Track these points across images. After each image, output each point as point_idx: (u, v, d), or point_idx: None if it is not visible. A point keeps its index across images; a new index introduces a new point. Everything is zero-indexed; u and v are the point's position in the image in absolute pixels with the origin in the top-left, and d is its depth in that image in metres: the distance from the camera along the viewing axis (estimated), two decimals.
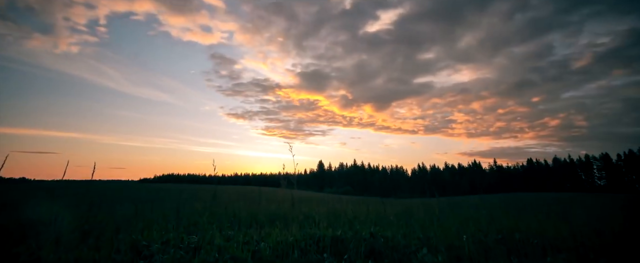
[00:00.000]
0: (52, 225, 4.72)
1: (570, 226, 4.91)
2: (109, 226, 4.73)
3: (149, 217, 5.75)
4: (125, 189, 29.39)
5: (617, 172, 68.46)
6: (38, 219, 5.18)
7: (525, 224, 4.65)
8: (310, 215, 6.43)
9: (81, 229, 4.37)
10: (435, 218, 4.77)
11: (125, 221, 5.31)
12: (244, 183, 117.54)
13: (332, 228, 3.86)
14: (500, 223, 4.80)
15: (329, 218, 5.78)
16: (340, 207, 7.30)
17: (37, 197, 16.61)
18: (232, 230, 4.11)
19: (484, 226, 4.62)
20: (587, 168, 73.85)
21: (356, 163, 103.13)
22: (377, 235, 3.54)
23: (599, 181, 71.93)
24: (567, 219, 6.26)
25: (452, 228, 4.30)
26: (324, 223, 4.50)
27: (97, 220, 5.02)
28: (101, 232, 4.14)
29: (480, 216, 5.72)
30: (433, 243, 3.33)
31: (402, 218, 5.94)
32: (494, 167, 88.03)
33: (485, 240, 3.93)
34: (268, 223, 4.99)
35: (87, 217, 5.36)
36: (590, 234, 4.45)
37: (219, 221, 5.22)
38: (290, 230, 3.82)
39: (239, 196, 21.54)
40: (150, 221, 5.24)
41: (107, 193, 22.07)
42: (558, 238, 4.12)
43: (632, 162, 66.12)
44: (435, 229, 4.07)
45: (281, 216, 5.97)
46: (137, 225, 4.58)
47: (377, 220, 5.41)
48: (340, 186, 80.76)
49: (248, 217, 5.83)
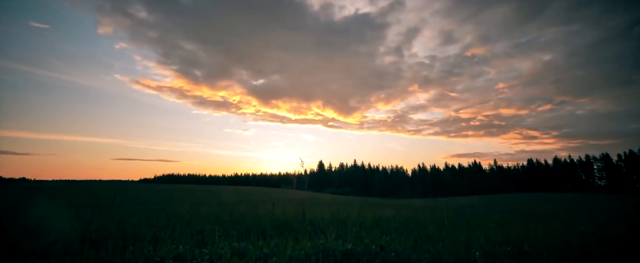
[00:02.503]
0: (59, 233, 4.72)
1: (577, 235, 4.91)
2: (118, 234, 4.73)
3: (156, 223, 5.75)
4: (127, 190, 29.38)
5: (617, 172, 68.46)
6: (46, 226, 5.18)
7: (534, 233, 4.65)
8: (315, 221, 6.44)
9: (90, 239, 4.37)
10: (445, 230, 4.77)
11: (132, 227, 5.31)
12: (244, 184, 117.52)
13: (341, 240, 3.86)
14: (508, 231, 4.81)
15: (335, 225, 5.78)
16: (345, 213, 7.29)
17: (43, 199, 16.60)
18: (242, 241, 4.11)
19: (492, 235, 4.62)
20: (587, 169, 73.86)
21: (356, 163, 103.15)
22: (387, 248, 3.54)
23: (600, 181, 71.88)
24: (573, 226, 6.27)
25: (461, 238, 4.30)
26: (331, 233, 4.50)
27: (105, 229, 5.02)
28: (111, 242, 4.14)
29: (488, 223, 5.72)
30: (444, 259, 3.33)
31: (409, 225, 5.95)
32: (494, 167, 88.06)
33: (494, 250, 3.93)
34: (276, 232, 4.99)
35: (94, 223, 5.36)
36: (598, 243, 4.46)
37: (226, 229, 5.23)
38: (301, 242, 3.82)
39: (241, 198, 21.55)
40: (158, 228, 5.25)
41: (110, 194, 22.07)
42: (567, 249, 4.13)
43: (633, 163, 66.11)
44: (444, 240, 4.08)
45: (287, 223, 5.97)
46: (146, 234, 4.59)
47: (385, 229, 5.41)
48: (341, 186, 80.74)
49: (255, 224, 5.83)
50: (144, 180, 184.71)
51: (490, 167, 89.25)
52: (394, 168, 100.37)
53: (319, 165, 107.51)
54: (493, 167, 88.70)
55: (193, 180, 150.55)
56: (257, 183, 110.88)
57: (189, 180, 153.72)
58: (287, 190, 50.13)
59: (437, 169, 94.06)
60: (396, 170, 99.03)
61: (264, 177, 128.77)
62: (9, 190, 30.97)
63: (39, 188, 33.91)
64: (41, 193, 23.79)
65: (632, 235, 5.29)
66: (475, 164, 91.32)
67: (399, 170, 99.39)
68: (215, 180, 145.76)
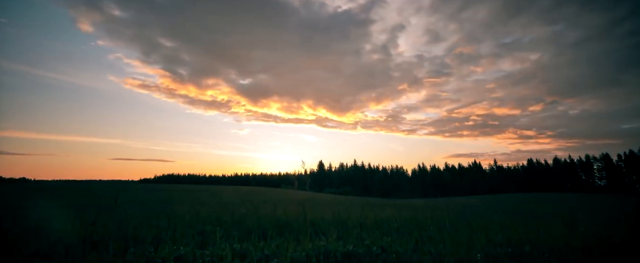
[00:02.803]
0: (60, 234, 4.72)
1: (578, 236, 4.91)
2: (119, 235, 4.73)
3: (157, 224, 5.75)
4: (127, 190, 29.38)
5: (617, 172, 68.47)
6: (47, 227, 5.18)
7: (535, 234, 4.65)
8: (316, 222, 6.44)
9: (90, 240, 4.37)
10: (446, 231, 4.77)
11: (133, 228, 5.31)
12: (244, 184, 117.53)
13: (342, 241, 3.86)
14: (509, 232, 4.80)
15: (336, 226, 5.78)
16: (345, 214, 7.29)
17: (43, 199, 16.59)
18: (243, 242, 4.11)
19: (493, 236, 4.62)
20: (587, 169, 73.86)
21: (356, 163, 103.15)
22: (388, 249, 3.54)
23: (600, 181, 71.88)
24: (574, 227, 6.26)
25: (463, 239, 4.30)
26: (332, 234, 4.50)
27: (106, 230, 5.02)
28: (112, 243, 4.14)
29: (489, 224, 5.72)
30: (445, 261, 3.33)
31: (409, 225, 5.95)
32: (495, 167, 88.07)
33: (495, 252, 3.93)
34: (276, 233, 4.99)
35: (94, 224, 5.36)
36: (599, 245, 4.46)
37: (227, 230, 5.23)
38: (302, 243, 3.82)
39: (242, 198, 21.55)
40: (159, 229, 5.25)
41: (110, 194, 22.07)
42: (568, 250, 4.13)
43: (633, 163, 66.12)
44: (445, 241, 4.08)
45: (288, 224, 5.97)
46: (147, 235, 4.58)
47: (385, 230, 5.41)
48: (341, 186, 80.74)
49: (255, 225, 5.83)
50: (144, 180, 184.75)
51: (490, 167, 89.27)
52: (394, 168, 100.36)
53: (319, 165, 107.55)
54: (493, 167, 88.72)
55: (193, 180, 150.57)
56: (257, 183, 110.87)
57: (189, 180, 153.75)
58: (288, 190, 50.17)
59: (437, 169, 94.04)
60: (396, 170, 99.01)
61: (264, 177, 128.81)
62: (9, 190, 31.00)
63: (39, 188, 33.92)
64: (41, 193, 23.80)
65: (633, 236, 5.30)
66: (475, 164, 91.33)
67: (399, 170, 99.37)
68: (215, 180, 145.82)
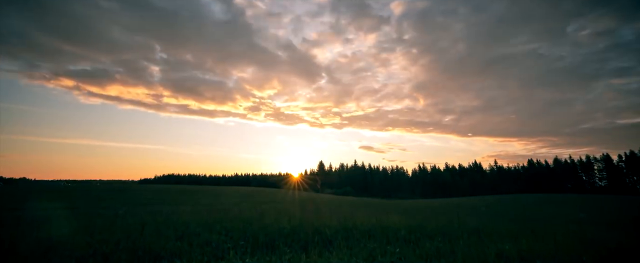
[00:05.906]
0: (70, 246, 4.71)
1: (587, 242, 4.91)
2: (127, 245, 4.72)
3: (165, 233, 5.76)
4: (128, 191, 29.35)
5: (618, 173, 68.48)
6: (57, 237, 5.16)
7: (544, 245, 4.65)
8: (321, 230, 6.43)
9: (101, 251, 4.36)
10: (455, 242, 4.76)
11: (141, 236, 5.31)
12: (244, 184, 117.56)
13: (355, 258, 3.84)
14: (519, 243, 4.81)
15: (342, 234, 5.78)
16: (351, 221, 7.29)
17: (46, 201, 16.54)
18: (253, 255, 4.11)
19: (502, 246, 4.61)
20: (587, 169, 73.87)
21: (356, 163, 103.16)
22: None
23: (600, 182, 71.88)
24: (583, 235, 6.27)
25: (472, 251, 4.30)
26: (339, 243, 4.49)
27: (112, 236, 5.02)
28: (123, 256, 4.14)
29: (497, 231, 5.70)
30: None
31: (416, 233, 5.95)
32: (495, 167, 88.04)
33: None
34: (283, 242, 4.99)
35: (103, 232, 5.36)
36: (610, 256, 4.47)
37: (235, 240, 5.23)
38: (310, 256, 3.81)
39: (243, 199, 21.56)
40: (167, 238, 5.25)
41: (112, 196, 22.04)
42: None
43: (633, 163, 66.13)
44: (456, 253, 4.07)
45: (294, 232, 5.97)
46: (155, 246, 4.58)
47: (392, 238, 5.41)
48: (341, 186, 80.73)
49: (262, 233, 5.83)
50: (144, 180, 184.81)
51: (491, 167, 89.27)
52: (394, 168, 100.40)
53: (319, 165, 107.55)
54: (493, 167, 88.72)
55: (193, 181, 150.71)
56: (257, 184, 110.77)
57: (189, 180, 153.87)
58: (288, 191, 50.17)
59: (437, 169, 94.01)
60: (396, 171, 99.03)
61: (264, 177, 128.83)
62: (9, 190, 30.93)
63: (39, 189, 33.88)
64: (42, 194, 23.75)
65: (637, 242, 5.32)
66: (475, 164, 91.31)
67: (399, 170, 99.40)
68: (215, 180, 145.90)
